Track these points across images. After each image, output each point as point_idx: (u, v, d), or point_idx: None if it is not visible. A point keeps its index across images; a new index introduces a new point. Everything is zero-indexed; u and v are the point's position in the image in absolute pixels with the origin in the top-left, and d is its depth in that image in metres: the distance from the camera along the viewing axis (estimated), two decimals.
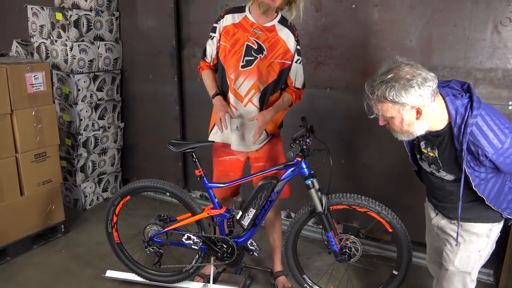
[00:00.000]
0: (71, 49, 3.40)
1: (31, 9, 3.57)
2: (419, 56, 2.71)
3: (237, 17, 2.32)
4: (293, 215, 3.36)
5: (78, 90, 3.49)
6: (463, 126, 1.54)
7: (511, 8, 2.45)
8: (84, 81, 3.52)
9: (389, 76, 1.50)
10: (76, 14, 3.39)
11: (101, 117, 3.73)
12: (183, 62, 3.60)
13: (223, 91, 2.38)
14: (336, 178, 2.42)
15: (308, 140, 2.18)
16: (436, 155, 1.64)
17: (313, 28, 3.02)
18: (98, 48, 3.59)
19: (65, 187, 3.76)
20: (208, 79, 2.40)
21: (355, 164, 3.10)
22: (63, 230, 3.32)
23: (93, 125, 3.67)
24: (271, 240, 2.69)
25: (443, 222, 1.92)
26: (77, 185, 3.68)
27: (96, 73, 3.61)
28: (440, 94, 1.61)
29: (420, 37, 2.70)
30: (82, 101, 3.54)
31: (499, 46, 2.51)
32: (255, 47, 2.28)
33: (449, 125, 1.59)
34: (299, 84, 2.44)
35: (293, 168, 2.25)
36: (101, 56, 3.62)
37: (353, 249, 2.30)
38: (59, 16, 3.41)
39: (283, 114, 2.49)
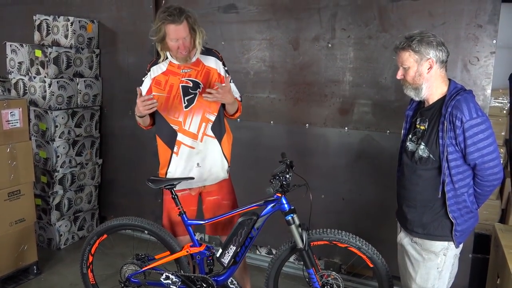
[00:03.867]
0: (50, 85, 3.38)
1: (10, 46, 3.57)
2: (393, 93, 2.79)
3: (163, 66, 2.35)
4: (274, 251, 3.33)
5: (56, 126, 3.45)
6: (454, 94, 1.85)
7: (478, 48, 2.58)
8: (62, 117, 3.49)
9: (416, 32, 1.88)
10: (56, 51, 3.40)
11: (78, 154, 3.67)
12: None
13: (170, 140, 2.35)
14: (316, 213, 2.42)
15: (287, 176, 2.19)
16: (426, 127, 1.92)
17: (291, 66, 3.10)
18: (78, 84, 3.58)
19: (39, 226, 3.64)
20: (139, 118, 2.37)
21: (335, 199, 3.11)
22: (35, 271, 3.19)
23: (70, 161, 3.61)
24: (241, 281, 2.62)
25: (405, 240, 2.05)
26: (51, 223, 3.56)
27: (74, 109, 3.58)
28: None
29: (394, 74, 2.76)
30: (59, 137, 3.49)
31: (468, 84, 2.61)
32: (191, 85, 2.33)
33: (443, 98, 1.88)
34: (238, 97, 2.46)
35: (273, 204, 2.24)
36: (80, 93, 3.61)
37: (334, 286, 2.27)
38: (38, 53, 3.41)
39: (230, 148, 2.48)
